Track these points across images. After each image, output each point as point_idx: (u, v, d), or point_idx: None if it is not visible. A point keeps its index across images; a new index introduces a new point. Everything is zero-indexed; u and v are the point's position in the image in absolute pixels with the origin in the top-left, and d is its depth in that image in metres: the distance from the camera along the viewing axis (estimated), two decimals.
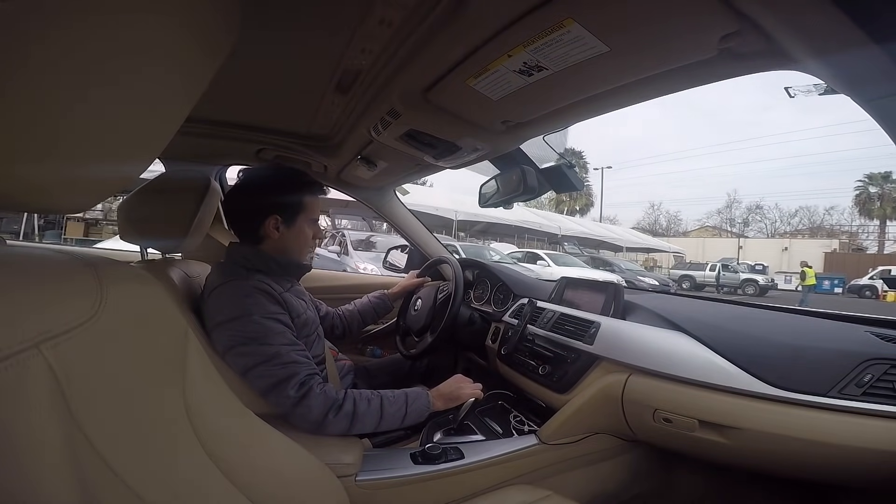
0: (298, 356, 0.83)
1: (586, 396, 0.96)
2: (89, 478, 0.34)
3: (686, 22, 0.50)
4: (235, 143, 1.25)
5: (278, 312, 0.86)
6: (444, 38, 0.61)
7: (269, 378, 0.80)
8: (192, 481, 0.46)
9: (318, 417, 0.80)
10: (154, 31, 0.35)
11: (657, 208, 34.07)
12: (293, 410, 0.80)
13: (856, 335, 0.81)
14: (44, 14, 0.27)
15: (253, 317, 0.82)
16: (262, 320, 0.82)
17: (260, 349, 0.80)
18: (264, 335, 0.81)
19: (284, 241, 0.95)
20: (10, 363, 0.29)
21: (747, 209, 31.09)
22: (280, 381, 0.79)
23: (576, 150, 27.93)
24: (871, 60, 0.45)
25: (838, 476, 0.75)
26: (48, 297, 0.35)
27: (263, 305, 0.84)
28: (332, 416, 0.81)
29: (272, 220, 0.93)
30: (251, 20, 0.59)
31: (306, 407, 0.80)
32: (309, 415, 0.80)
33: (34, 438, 0.30)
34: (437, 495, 0.86)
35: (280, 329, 0.84)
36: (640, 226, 32.83)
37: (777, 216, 30.58)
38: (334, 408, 0.81)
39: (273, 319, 0.84)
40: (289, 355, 0.82)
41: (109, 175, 0.40)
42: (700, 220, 31.25)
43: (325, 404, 0.81)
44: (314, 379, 0.83)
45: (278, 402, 0.80)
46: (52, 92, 0.30)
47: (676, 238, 29.90)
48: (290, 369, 0.80)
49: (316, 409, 0.80)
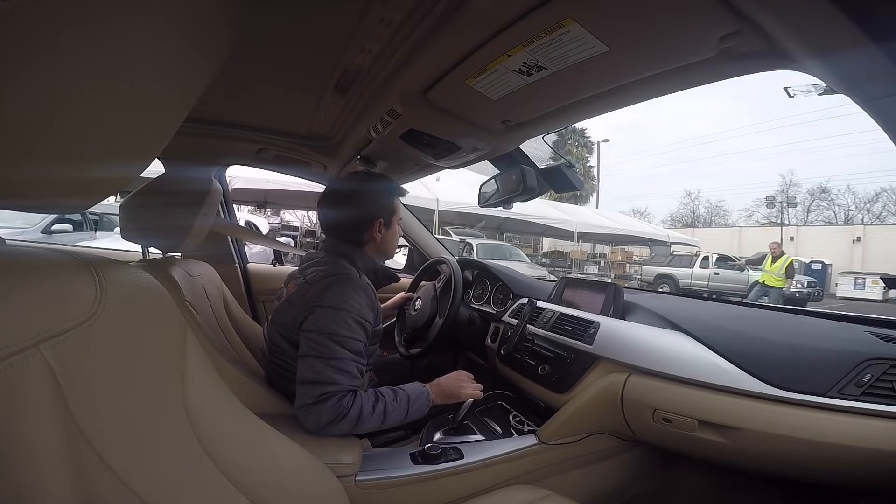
0: (354, 368, 0.86)
1: (586, 396, 0.96)
2: (88, 478, 0.34)
3: (686, 22, 0.50)
4: (235, 143, 1.25)
5: (368, 320, 0.90)
6: (444, 38, 0.61)
7: (316, 374, 0.82)
8: (191, 481, 0.46)
9: (323, 423, 0.81)
10: (153, 31, 0.35)
11: (695, 197, 27.73)
12: (306, 409, 0.81)
13: (855, 335, 0.81)
14: (43, 14, 0.27)
15: (351, 314, 0.86)
16: (352, 323, 0.86)
17: (331, 347, 0.83)
18: (345, 337, 0.85)
19: (385, 243, 1.04)
20: (9, 363, 0.29)
21: (809, 193, 23.00)
22: (320, 382, 0.82)
23: (577, 128, 22.34)
24: (871, 60, 0.45)
25: (838, 476, 0.74)
26: (48, 297, 0.35)
27: (362, 308, 0.88)
28: (336, 423, 0.82)
29: (378, 223, 1.00)
30: (250, 20, 0.59)
31: (318, 411, 0.81)
32: (317, 418, 0.81)
33: (33, 438, 0.30)
34: (436, 495, 0.86)
35: (360, 336, 0.88)
36: (673, 218, 28.17)
37: (850, 201, 21.76)
38: (340, 415, 0.82)
39: (360, 325, 0.87)
40: (348, 365, 0.84)
41: (109, 175, 0.40)
42: (747, 209, 24.68)
43: (335, 413, 0.82)
44: (347, 397, 0.83)
45: (301, 393, 0.83)
46: (52, 92, 0.30)
47: (714, 229, 23.64)
48: (337, 378, 0.83)
49: (325, 415, 0.81)
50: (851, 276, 12.90)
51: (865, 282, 12.28)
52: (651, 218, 28.40)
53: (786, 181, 23.06)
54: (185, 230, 0.94)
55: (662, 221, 27.54)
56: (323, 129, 1.15)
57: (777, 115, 37.17)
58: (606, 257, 14.41)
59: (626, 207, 29.76)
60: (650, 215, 29.37)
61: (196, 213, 0.95)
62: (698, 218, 27.03)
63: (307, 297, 0.89)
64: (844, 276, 13.10)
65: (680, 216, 27.96)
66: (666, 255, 13.09)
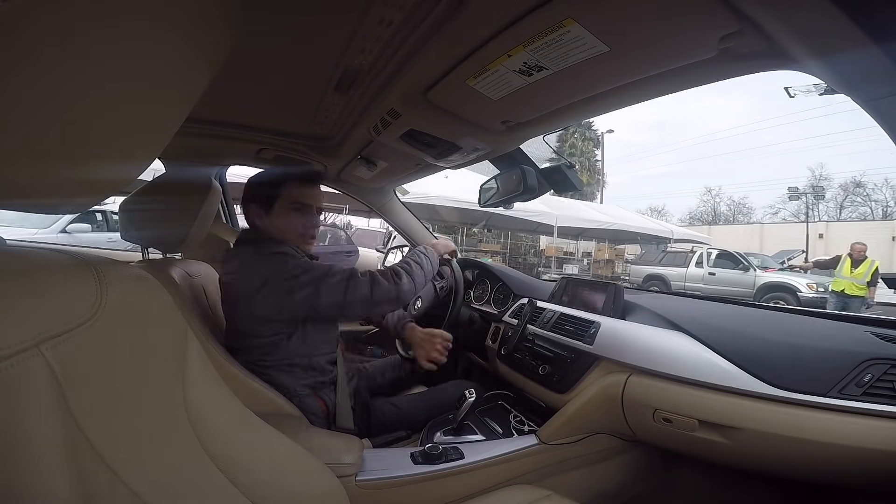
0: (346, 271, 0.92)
1: (586, 396, 0.96)
2: (89, 478, 0.34)
3: (686, 22, 0.50)
4: (235, 143, 1.25)
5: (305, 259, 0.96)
6: (445, 38, 0.61)
7: (336, 293, 0.88)
8: (191, 481, 0.46)
9: (393, 294, 0.93)
10: (153, 32, 0.35)
11: (716, 194, 25.80)
12: (371, 303, 0.90)
13: (855, 335, 0.81)
14: (43, 15, 0.27)
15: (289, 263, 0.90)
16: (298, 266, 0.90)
17: (313, 283, 0.88)
18: (313, 272, 0.89)
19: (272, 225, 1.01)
20: (10, 363, 0.29)
21: (842, 188, 20.50)
22: (346, 289, 0.88)
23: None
24: (871, 60, 0.45)
25: (838, 476, 0.74)
26: (48, 297, 0.35)
27: (293, 255, 0.94)
28: (397, 286, 0.93)
29: (252, 210, 1.00)
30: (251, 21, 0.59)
31: (377, 291, 0.91)
32: (386, 293, 0.92)
33: (34, 438, 0.30)
34: (437, 495, 0.86)
35: (319, 266, 0.93)
36: (692, 216, 26.33)
37: (889, 196, 19.19)
38: (395, 281, 0.94)
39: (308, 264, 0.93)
40: (341, 272, 0.91)
41: (109, 175, 0.40)
42: (772, 205, 22.56)
43: (388, 283, 0.93)
44: (373, 273, 0.93)
45: (354, 298, 0.89)
46: (52, 93, 0.30)
47: (734, 226, 21.97)
48: (346, 271, 0.90)
49: (385, 288, 0.92)
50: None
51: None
52: (669, 216, 27.01)
53: (815, 175, 20.87)
54: (185, 231, 0.94)
55: (680, 220, 26.11)
56: (323, 129, 1.15)
57: (800, 108, 34.71)
58: (591, 255, 12.57)
59: (644, 206, 28.39)
60: (668, 213, 27.96)
61: (196, 214, 0.95)
62: (719, 216, 25.42)
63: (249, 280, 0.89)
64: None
65: (699, 214, 26.39)
66: (657, 253, 10.94)
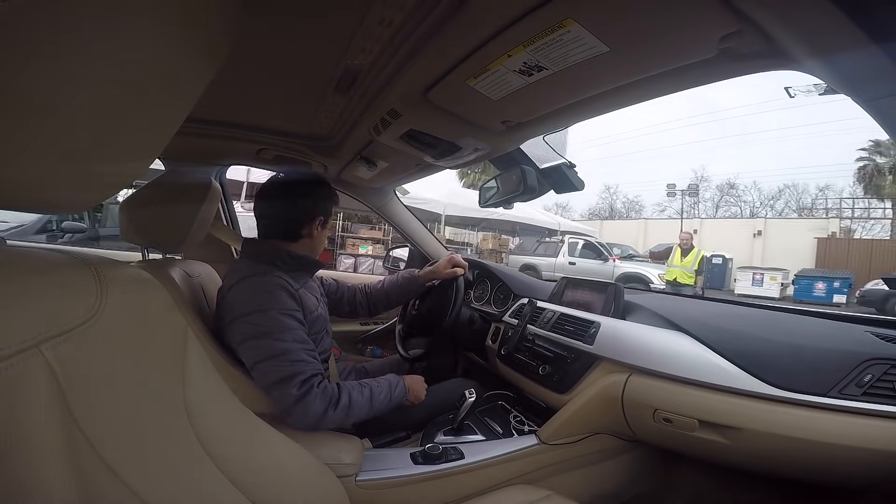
0: (306, 355, 0.85)
1: (586, 396, 0.96)
2: (89, 477, 0.34)
3: (686, 22, 0.50)
4: (235, 143, 1.25)
5: (294, 309, 0.88)
6: (444, 38, 0.61)
7: (276, 374, 0.82)
8: (191, 481, 0.46)
9: (318, 413, 0.82)
10: (153, 33, 0.35)
11: (613, 192, 27.50)
12: (293, 408, 0.81)
13: (856, 335, 0.81)
14: (43, 15, 0.27)
15: (271, 311, 0.85)
16: (278, 316, 0.85)
17: (272, 344, 0.83)
18: (279, 330, 0.84)
19: (318, 241, 1.03)
20: (10, 363, 0.29)
21: (718, 189, 23.38)
22: (285, 378, 0.81)
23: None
24: (871, 60, 0.45)
25: (838, 476, 0.74)
26: (48, 298, 0.35)
27: (282, 301, 0.87)
28: (331, 412, 0.83)
29: (318, 220, 1.00)
30: (250, 21, 0.59)
31: (307, 404, 0.81)
32: (309, 411, 0.81)
33: (34, 438, 0.30)
34: (437, 495, 0.86)
35: (294, 325, 0.87)
36: (591, 212, 27.77)
37: (756, 197, 22.37)
38: (332, 403, 0.84)
39: (289, 316, 0.87)
40: (297, 353, 0.84)
41: (109, 175, 0.40)
42: (660, 203, 24.03)
43: (325, 401, 0.83)
44: (317, 378, 0.84)
45: (280, 398, 0.81)
46: (52, 93, 0.30)
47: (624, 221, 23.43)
48: (296, 367, 0.82)
49: (316, 406, 0.82)
50: (750, 272, 11.75)
51: (763, 278, 11.33)
52: (573, 212, 28.32)
53: (697, 175, 23.23)
54: (185, 231, 0.94)
55: (581, 215, 27.34)
56: (323, 130, 1.15)
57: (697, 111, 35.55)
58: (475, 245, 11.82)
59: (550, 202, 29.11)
60: (571, 209, 29.06)
61: (196, 214, 0.95)
62: (615, 212, 27.06)
63: (226, 307, 0.89)
64: (743, 272, 11.86)
65: (598, 210, 27.99)
66: (533, 244, 11.32)
